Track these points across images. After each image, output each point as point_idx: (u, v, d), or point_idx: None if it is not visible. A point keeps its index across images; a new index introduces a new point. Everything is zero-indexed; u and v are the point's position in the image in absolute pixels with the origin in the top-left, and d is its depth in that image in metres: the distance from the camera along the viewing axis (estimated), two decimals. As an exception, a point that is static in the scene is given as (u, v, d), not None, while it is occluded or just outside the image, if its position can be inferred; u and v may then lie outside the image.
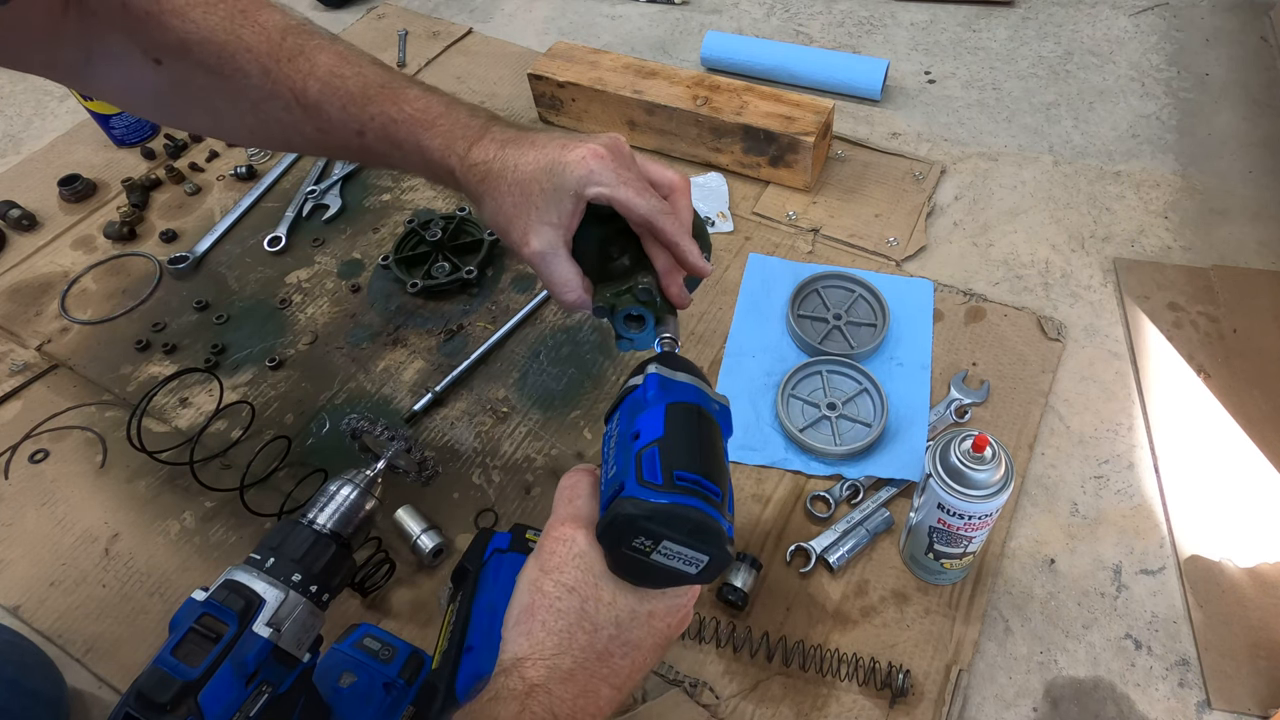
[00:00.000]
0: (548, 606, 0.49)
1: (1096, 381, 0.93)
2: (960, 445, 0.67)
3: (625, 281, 0.62)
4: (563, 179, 0.58)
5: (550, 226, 0.59)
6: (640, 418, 0.51)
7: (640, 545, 0.48)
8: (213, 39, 0.62)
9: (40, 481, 0.92)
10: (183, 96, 0.66)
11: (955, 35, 1.37)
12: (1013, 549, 0.82)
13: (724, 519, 0.49)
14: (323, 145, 0.67)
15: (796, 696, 0.73)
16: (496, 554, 0.65)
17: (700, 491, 0.48)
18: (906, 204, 1.11)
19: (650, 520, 0.47)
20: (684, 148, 1.17)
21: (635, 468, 0.49)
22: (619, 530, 0.48)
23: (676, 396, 0.52)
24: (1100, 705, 0.73)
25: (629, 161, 0.60)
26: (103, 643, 0.80)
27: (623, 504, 0.48)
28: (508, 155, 0.60)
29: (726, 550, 0.49)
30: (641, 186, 0.59)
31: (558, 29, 1.45)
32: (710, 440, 0.52)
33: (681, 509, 0.47)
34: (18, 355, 1.03)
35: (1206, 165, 1.14)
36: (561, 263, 0.60)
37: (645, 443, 0.50)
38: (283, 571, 0.60)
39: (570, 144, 0.59)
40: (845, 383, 0.93)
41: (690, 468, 0.49)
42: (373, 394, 0.97)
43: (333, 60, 0.64)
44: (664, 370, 0.54)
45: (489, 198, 0.61)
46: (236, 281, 1.10)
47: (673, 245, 0.60)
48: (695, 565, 0.49)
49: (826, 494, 0.85)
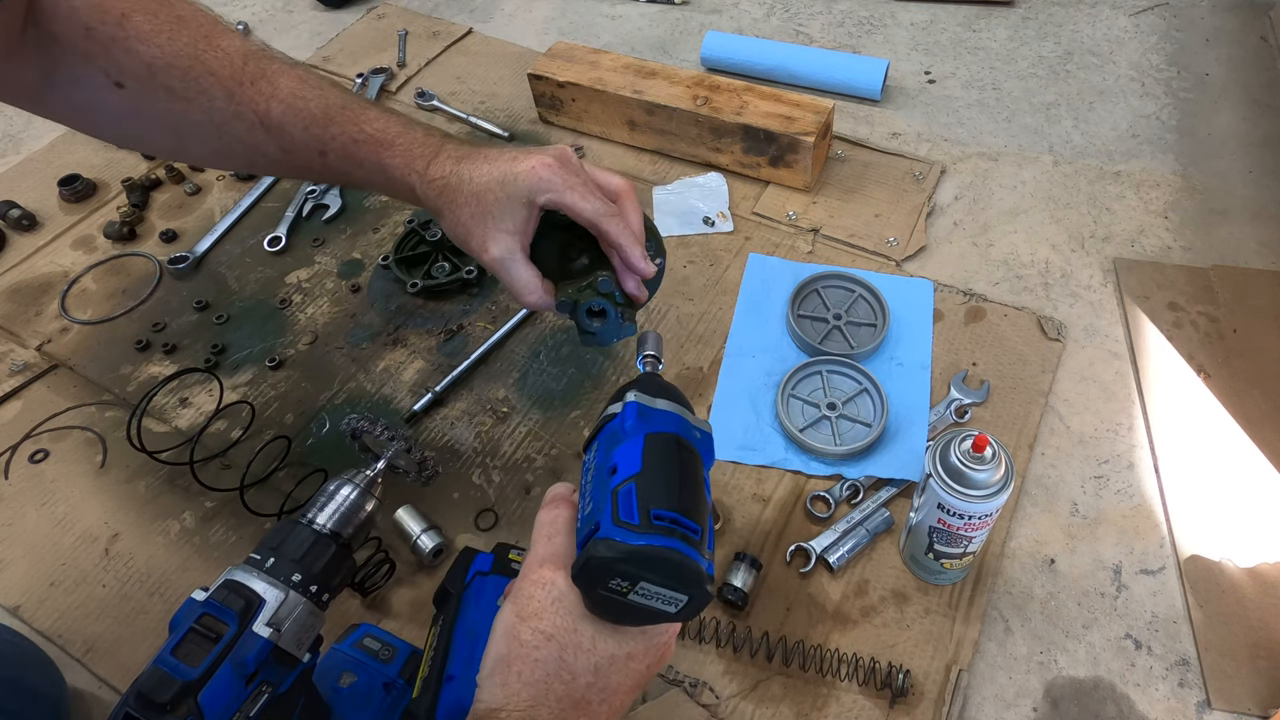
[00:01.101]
0: (524, 656, 0.48)
1: (1096, 381, 0.93)
2: (960, 445, 0.67)
3: (585, 278, 0.67)
4: (515, 188, 0.63)
5: (506, 234, 0.64)
6: (618, 450, 0.51)
7: (617, 587, 0.47)
8: (176, 64, 0.63)
9: (40, 481, 0.92)
10: (145, 119, 0.67)
11: (955, 35, 1.37)
12: (1013, 549, 0.82)
13: (703, 558, 0.48)
14: (286, 165, 0.69)
15: (796, 696, 0.73)
16: (479, 577, 0.64)
17: (679, 531, 0.47)
18: (906, 204, 1.11)
19: (626, 563, 0.46)
20: (684, 148, 1.17)
21: (611, 506, 0.48)
22: (594, 573, 0.47)
23: (656, 426, 0.52)
24: (1100, 705, 0.73)
25: (577, 169, 0.65)
26: (103, 643, 0.80)
27: (597, 546, 0.47)
28: (463, 170, 0.65)
29: (706, 590, 0.48)
30: (587, 191, 0.64)
31: (558, 29, 1.45)
32: (690, 473, 0.51)
33: (658, 550, 0.46)
34: (18, 355, 1.04)
35: (1206, 165, 1.14)
36: (520, 266, 0.65)
37: (622, 478, 0.49)
38: (283, 571, 0.60)
39: (520, 156, 0.64)
40: (845, 383, 0.93)
41: (668, 505, 0.48)
42: (373, 394, 0.97)
43: (294, 83, 0.67)
44: (643, 398, 0.54)
45: (448, 210, 0.66)
46: (236, 281, 1.10)
47: (617, 247, 0.64)
48: (674, 605, 0.48)
49: (826, 494, 0.85)
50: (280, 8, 1.56)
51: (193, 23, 0.65)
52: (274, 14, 1.55)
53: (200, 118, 0.65)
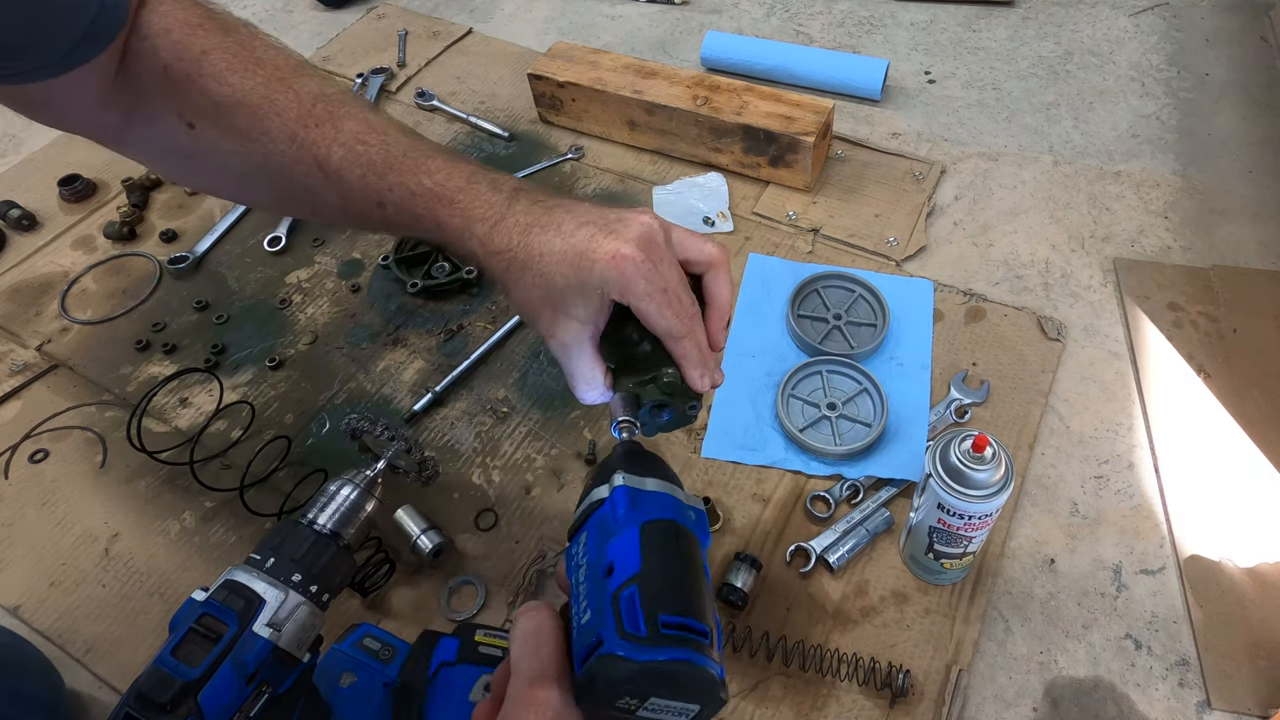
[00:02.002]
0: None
1: (1096, 381, 0.93)
2: (960, 445, 0.67)
3: (647, 370, 0.59)
4: (589, 277, 0.54)
5: (577, 321, 0.57)
6: (611, 545, 0.47)
7: (625, 705, 0.43)
8: (246, 102, 0.61)
9: (40, 481, 0.92)
10: (213, 161, 0.65)
11: (955, 35, 1.37)
12: (1013, 549, 0.82)
13: (714, 664, 0.44)
14: (346, 214, 0.65)
15: (796, 696, 0.73)
16: (444, 668, 0.60)
17: (690, 639, 0.43)
18: (906, 204, 1.11)
19: (634, 682, 0.42)
20: (684, 148, 1.17)
21: (614, 616, 0.44)
22: (601, 694, 0.43)
23: (650, 514, 0.48)
24: (1100, 705, 0.73)
25: (660, 255, 0.56)
26: (103, 643, 0.80)
27: (604, 663, 0.43)
28: (532, 243, 0.57)
29: (719, 697, 0.44)
30: (666, 300, 0.55)
31: (558, 29, 1.45)
32: (692, 566, 0.47)
33: (671, 665, 0.42)
34: (18, 355, 1.03)
35: (1206, 165, 1.14)
36: (586, 359, 0.58)
37: (621, 580, 0.45)
38: (283, 572, 0.60)
39: (599, 236, 0.55)
40: (845, 383, 0.93)
41: (676, 610, 0.44)
42: (373, 394, 0.97)
43: (359, 127, 0.62)
44: (631, 480, 0.50)
45: (515, 288, 0.58)
46: (236, 281, 1.10)
47: (682, 368, 0.58)
48: (685, 715, 0.44)
49: (826, 494, 0.85)
50: (280, 8, 1.56)
51: (270, 65, 0.62)
52: (274, 14, 1.55)
53: (262, 160, 0.62)
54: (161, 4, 0.61)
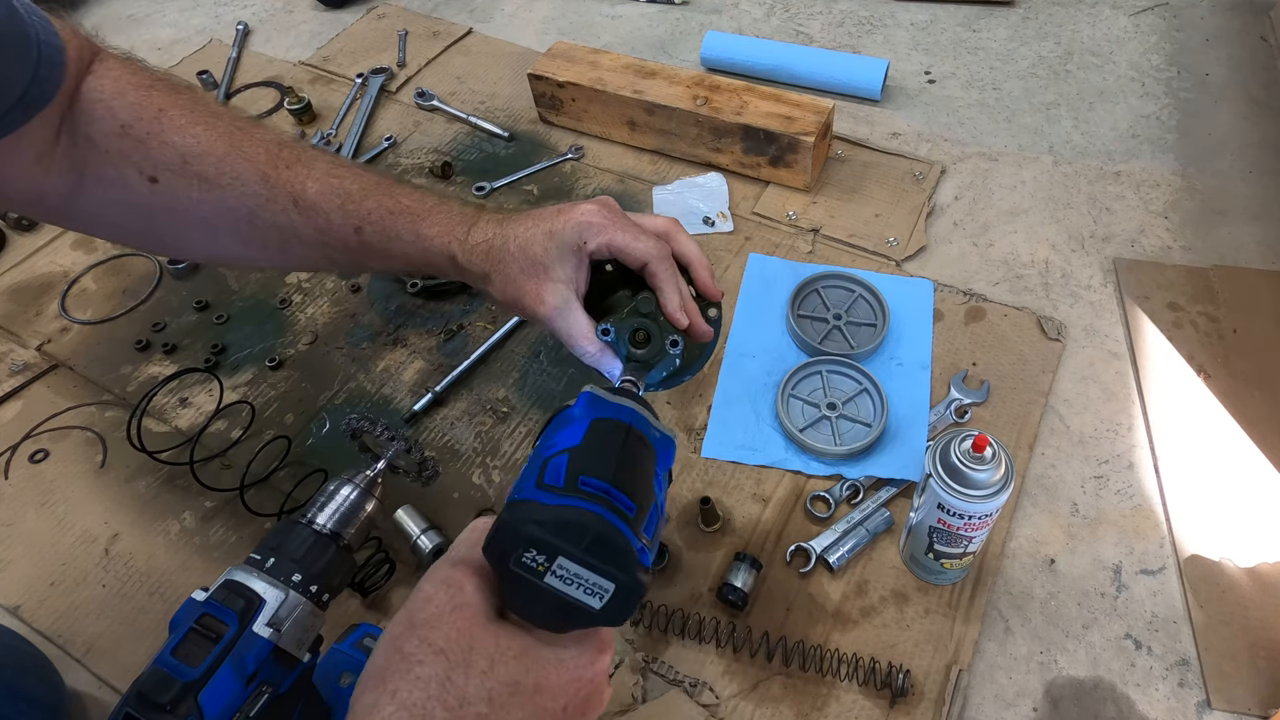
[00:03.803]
0: (404, 672, 0.40)
1: (1096, 381, 0.93)
2: (960, 445, 0.67)
3: (626, 305, 0.65)
4: (563, 236, 0.63)
5: (561, 283, 0.63)
6: (561, 431, 0.47)
7: (532, 562, 0.40)
8: (212, 151, 0.64)
9: (40, 481, 0.92)
10: (177, 214, 0.66)
11: (955, 35, 1.37)
12: (1013, 549, 0.82)
13: (636, 539, 0.42)
14: (321, 248, 0.68)
15: (796, 696, 0.73)
16: None
17: (608, 500, 0.41)
18: (906, 204, 1.11)
19: (542, 526, 0.40)
20: (684, 148, 1.17)
21: (537, 474, 0.43)
22: (506, 538, 0.41)
23: (606, 413, 0.48)
24: (1100, 705, 0.73)
25: (620, 213, 0.65)
26: (103, 643, 0.80)
27: (513, 508, 0.41)
28: (507, 230, 0.65)
29: (637, 577, 0.41)
30: (637, 231, 0.63)
31: (558, 29, 1.45)
32: (636, 457, 0.46)
33: (581, 514, 0.40)
34: (18, 355, 1.03)
35: (1206, 165, 1.14)
36: (578, 314, 0.63)
37: (555, 451, 0.44)
38: (283, 572, 0.60)
39: (564, 208, 0.64)
40: (845, 383, 0.93)
41: (600, 476, 0.42)
42: (373, 394, 0.97)
43: (328, 164, 0.67)
44: (600, 392, 0.50)
45: (496, 272, 0.65)
46: (236, 281, 1.10)
47: (657, 289, 0.64)
48: (599, 595, 0.41)
49: (826, 494, 0.85)
50: (280, 8, 1.56)
51: (228, 117, 0.66)
52: (274, 14, 1.55)
53: (234, 203, 0.65)
54: (109, 70, 0.63)
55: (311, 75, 1.39)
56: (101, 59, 0.64)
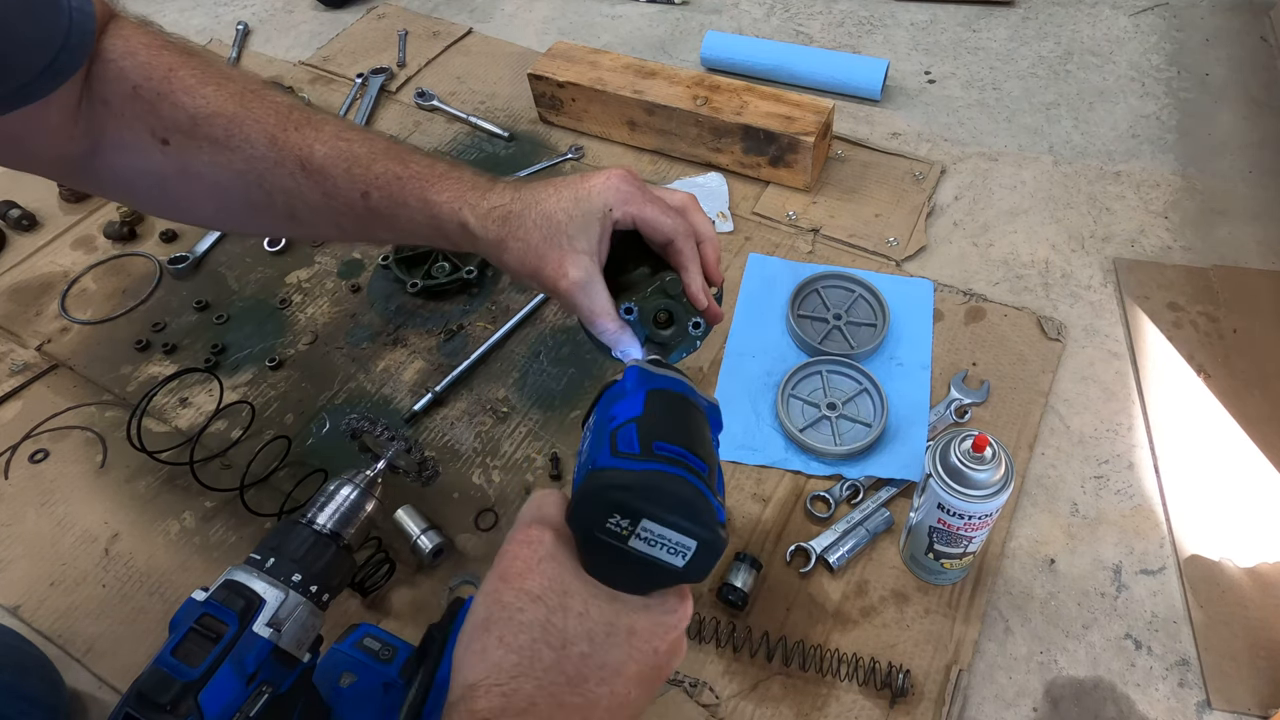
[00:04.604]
0: (507, 619, 0.43)
1: (1096, 381, 0.93)
2: (960, 445, 0.67)
3: (648, 287, 0.62)
4: (590, 203, 0.60)
5: (585, 255, 0.60)
6: (619, 404, 0.48)
7: (616, 527, 0.42)
8: (221, 112, 0.63)
9: (40, 481, 0.92)
10: (188, 178, 0.66)
11: (955, 35, 1.37)
12: (1013, 549, 0.82)
13: (713, 497, 0.43)
14: (327, 213, 0.67)
15: (796, 696, 0.73)
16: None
17: (684, 462, 0.43)
18: (906, 204, 1.11)
19: (627, 491, 0.41)
20: (684, 148, 1.17)
21: (610, 444, 0.44)
22: (592, 507, 0.42)
23: (659, 385, 0.49)
24: (1100, 705, 0.73)
25: (643, 183, 0.63)
26: (103, 643, 0.80)
27: (595, 476, 0.42)
28: (526, 196, 0.61)
29: (718, 533, 0.42)
30: (664, 207, 0.61)
31: (558, 29, 1.45)
32: (695, 423, 0.48)
33: (663, 477, 0.41)
34: (18, 355, 1.03)
35: (1206, 165, 1.14)
36: (600, 290, 0.60)
37: (620, 422, 0.45)
38: (283, 571, 0.60)
39: (588, 175, 0.62)
40: (845, 383, 0.93)
41: (672, 440, 0.43)
42: (373, 394, 0.97)
43: (338, 127, 0.65)
44: (648, 365, 0.52)
45: (513, 239, 0.61)
46: (236, 281, 1.10)
47: (682, 269, 0.62)
48: (682, 554, 0.42)
49: (826, 494, 0.85)
50: (280, 8, 1.56)
51: (239, 79, 0.65)
52: (274, 14, 1.55)
53: (242, 167, 0.64)
54: (121, 29, 0.62)
55: (311, 75, 1.39)
56: (116, 20, 0.63)
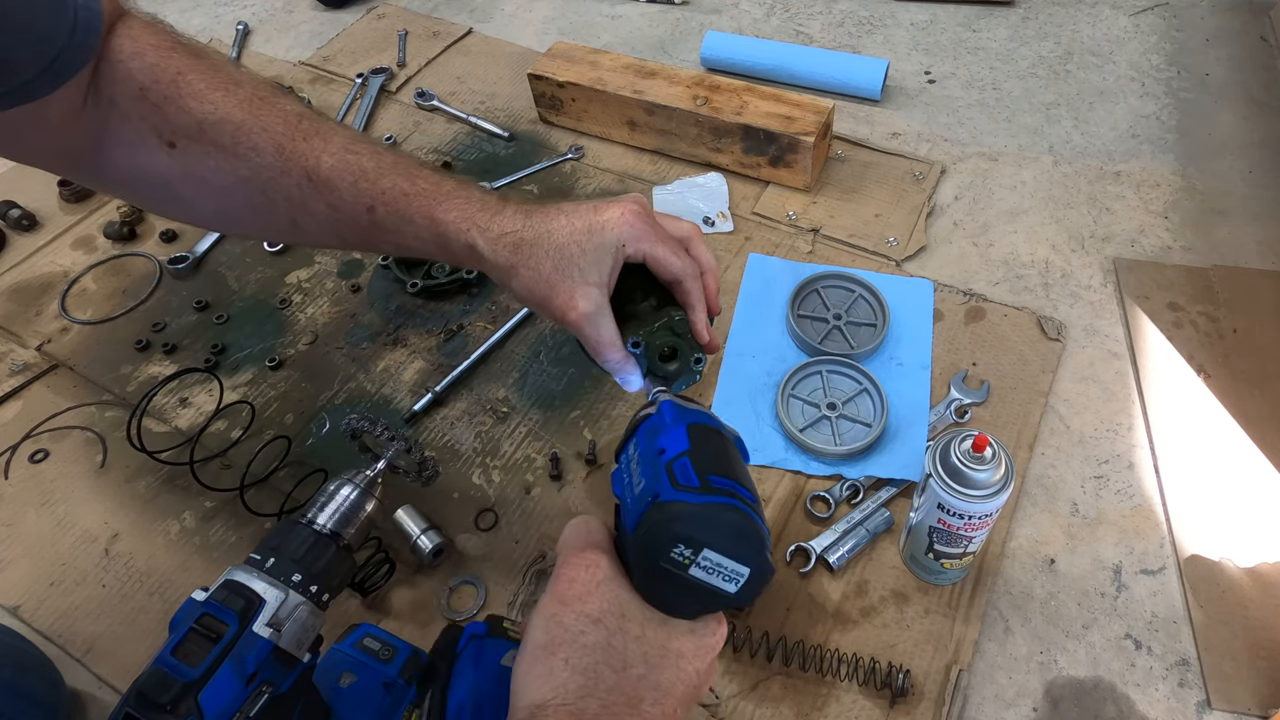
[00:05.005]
0: (570, 641, 0.45)
1: (1096, 381, 0.93)
2: (960, 445, 0.67)
3: (654, 322, 0.64)
4: (604, 238, 0.60)
5: (595, 287, 0.60)
6: (662, 437, 0.50)
7: (679, 556, 0.44)
8: (229, 119, 0.62)
9: (40, 481, 0.92)
10: (192, 181, 0.65)
11: (955, 35, 1.37)
12: (1013, 549, 0.82)
13: (764, 525, 0.46)
14: (332, 223, 0.66)
15: (796, 696, 0.73)
16: (474, 640, 0.61)
17: (737, 494, 0.46)
18: (906, 204, 1.11)
19: (693, 524, 0.44)
20: (684, 148, 1.17)
21: (669, 477, 0.46)
22: (659, 538, 0.44)
23: (695, 419, 0.51)
24: (1100, 705, 0.73)
25: (654, 219, 0.63)
26: (103, 643, 0.80)
27: (661, 509, 0.44)
28: (538, 223, 0.61)
29: (768, 560, 0.45)
30: (674, 245, 0.62)
31: (558, 29, 1.45)
32: (735, 455, 0.51)
33: (723, 510, 0.44)
34: (18, 355, 1.03)
35: (1206, 165, 1.14)
36: (608, 322, 0.61)
37: (673, 455, 0.48)
38: (283, 572, 0.60)
39: (601, 206, 0.61)
40: (845, 383, 0.93)
41: (724, 473, 0.46)
42: (373, 394, 0.97)
43: (346, 139, 0.64)
44: (678, 399, 0.54)
45: (524, 267, 0.61)
46: (236, 281, 1.10)
47: (690, 308, 0.64)
48: (735, 581, 0.45)
49: (826, 494, 0.85)
50: (280, 8, 1.56)
51: (248, 84, 0.64)
52: (274, 14, 1.55)
53: (248, 174, 0.63)
54: (130, 29, 0.61)
55: (311, 75, 1.39)
56: (125, 20, 0.62)
